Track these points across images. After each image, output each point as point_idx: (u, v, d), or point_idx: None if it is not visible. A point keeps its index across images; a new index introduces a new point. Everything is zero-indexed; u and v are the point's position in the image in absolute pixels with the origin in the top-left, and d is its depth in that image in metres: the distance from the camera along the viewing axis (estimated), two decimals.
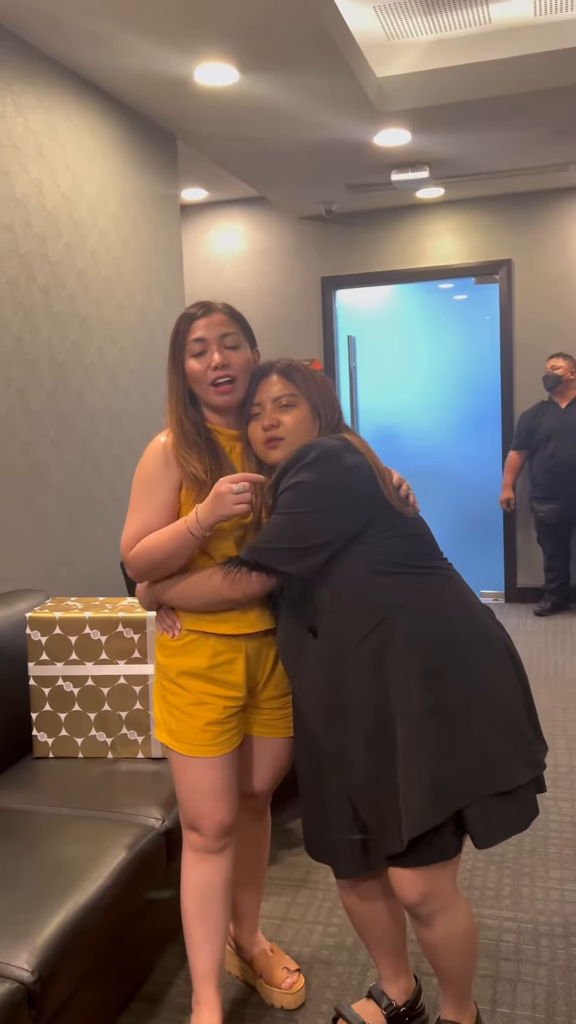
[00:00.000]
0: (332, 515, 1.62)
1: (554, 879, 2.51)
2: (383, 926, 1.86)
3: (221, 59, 3.17)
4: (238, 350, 1.77)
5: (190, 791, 1.81)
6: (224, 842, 1.84)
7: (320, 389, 1.79)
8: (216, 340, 1.75)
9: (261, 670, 1.84)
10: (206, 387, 1.76)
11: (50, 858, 1.88)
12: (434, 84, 3.71)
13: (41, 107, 3.11)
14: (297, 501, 1.62)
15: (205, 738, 1.79)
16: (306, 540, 1.61)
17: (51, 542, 3.19)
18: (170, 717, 1.82)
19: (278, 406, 1.75)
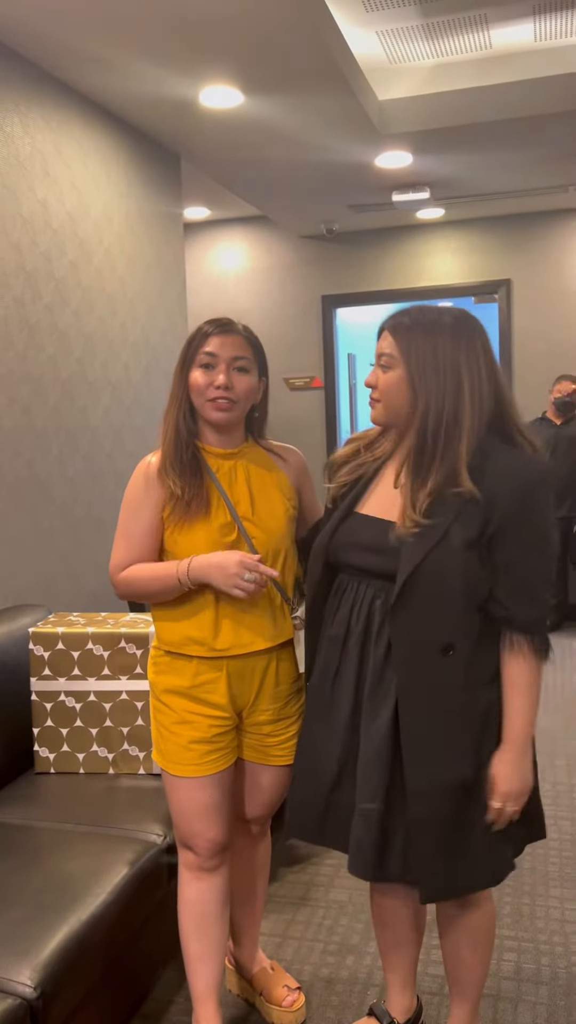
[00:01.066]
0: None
1: (554, 898, 2.51)
2: (407, 936, 1.86)
3: (226, 82, 3.22)
4: (246, 375, 1.76)
5: (180, 810, 1.81)
6: (218, 860, 1.83)
7: (438, 373, 1.53)
8: (227, 360, 1.74)
9: (245, 693, 1.81)
10: (204, 401, 1.76)
11: (52, 874, 1.88)
12: (435, 107, 3.76)
13: (48, 127, 3.15)
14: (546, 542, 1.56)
15: (190, 757, 1.77)
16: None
17: (54, 557, 3.21)
18: (159, 736, 1.82)
19: (380, 363, 1.61)
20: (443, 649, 1.53)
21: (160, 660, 1.83)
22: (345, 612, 1.65)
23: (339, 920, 2.42)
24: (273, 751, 1.87)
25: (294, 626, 1.83)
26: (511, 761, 1.55)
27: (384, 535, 1.58)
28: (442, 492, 1.52)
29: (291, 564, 1.86)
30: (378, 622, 1.60)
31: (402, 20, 3.29)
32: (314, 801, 1.68)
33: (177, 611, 1.77)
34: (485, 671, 1.56)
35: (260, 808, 1.94)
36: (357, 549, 1.64)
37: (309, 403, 6.12)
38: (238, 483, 1.80)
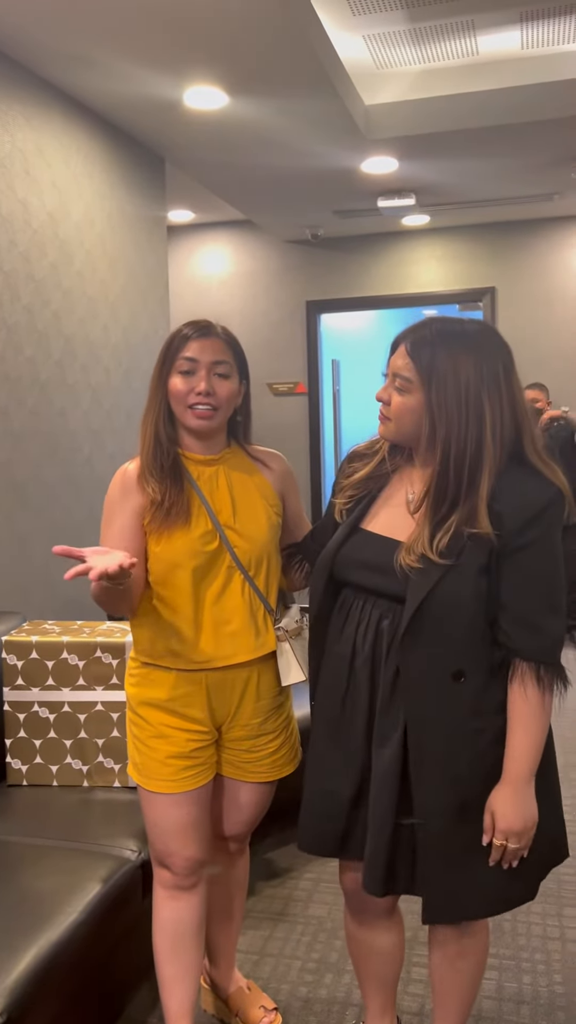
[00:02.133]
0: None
1: (536, 914, 2.47)
2: (384, 957, 1.81)
3: (210, 83, 3.18)
4: (227, 380, 1.71)
5: (156, 827, 1.75)
6: (195, 879, 1.78)
7: (459, 401, 1.45)
8: (207, 365, 1.69)
9: (224, 707, 1.76)
10: (184, 408, 1.70)
11: (22, 891, 1.82)
12: (422, 113, 3.74)
13: (29, 126, 3.10)
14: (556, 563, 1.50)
15: (167, 772, 1.72)
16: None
17: (30, 564, 3.14)
18: (135, 750, 1.77)
19: (395, 383, 1.52)
20: (454, 676, 1.48)
21: (137, 672, 1.78)
22: (351, 631, 1.59)
23: (318, 936, 2.37)
24: (252, 767, 1.82)
25: (277, 637, 1.79)
26: (508, 798, 1.49)
27: (391, 555, 1.52)
28: (460, 529, 1.47)
29: (274, 573, 1.81)
30: (386, 644, 1.54)
31: (389, 24, 3.26)
32: (334, 819, 1.61)
33: (156, 621, 1.72)
34: (495, 699, 1.51)
35: (239, 826, 1.89)
36: (363, 568, 1.58)
37: (293, 409, 6.09)
38: (220, 490, 1.75)
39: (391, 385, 1.54)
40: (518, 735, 1.50)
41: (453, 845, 1.52)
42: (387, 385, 1.55)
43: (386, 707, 1.54)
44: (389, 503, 1.62)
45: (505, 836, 1.49)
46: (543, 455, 1.53)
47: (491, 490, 1.47)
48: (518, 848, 1.50)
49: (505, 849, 1.50)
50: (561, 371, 5.61)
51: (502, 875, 1.55)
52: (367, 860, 1.57)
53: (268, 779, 1.84)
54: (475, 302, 5.88)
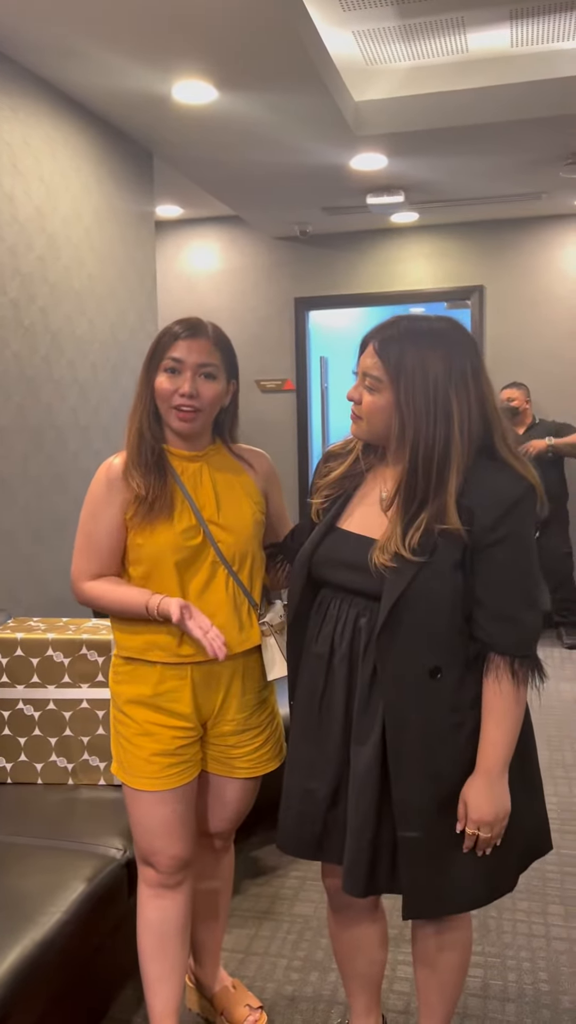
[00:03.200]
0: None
1: (521, 911, 2.48)
2: (367, 955, 1.81)
3: (199, 77, 3.16)
4: (213, 382, 1.71)
5: (141, 825, 1.74)
6: (180, 877, 1.77)
7: (427, 401, 1.46)
8: (193, 367, 1.68)
9: (210, 702, 1.76)
10: (168, 408, 1.71)
11: (6, 891, 1.81)
12: (411, 110, 3.73)
13: (16, 118, 3.07)
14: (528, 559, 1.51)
15: (152, 770, 1.71)
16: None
17: (15, 560, 3.12)
18: (119, 748, 1.76)
19: (365, 382, 1.53)
20: (431, 672, 1.48)
21: (121, 669, 1.77)
22: (329, 630, 1.60)
23: (304, 935, 2.37)
24: (238, 763, 1.82)
25: (262, 632, 1.79)
26: (480, 788, 1.50)
27: (367, 554, 1.53)
28: (431, 527, 1.47)
29: (258, 569, 1.81)
30: (363, 642, 1.55)
31: (379, 20, 3.25)
32: (311, 820, 1.61)
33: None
34: (471, 693, 1.52)
35: (224, 822, 1.89)
36: (339, 566, 1.59)
37: (281, 406, 6.08)
38: (203, 485, 1.75)
39: (361, 384, 1.55)
40: (491, 727, 1.50)
41: (434, 842, 1.52)
42: (357, 384, 1.56)
43: (364, 706, 1.54)
44: (364, 502, 1.62)
45: (477, 826, 1.50)
46: (514, 450, 1.54)
47: (460, 486, 1.48)
48: (490, 837, 1.51)
49: (477, 838, 1.51)
50: (548, 370, 5.62)
51: (482, 869, 1.55)
52: (347, 861, 1.56)
53: (254, 774, 1.84)
54: (463, 300, 5.88)
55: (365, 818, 1.53)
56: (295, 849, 1.66)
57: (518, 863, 1.62)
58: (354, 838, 1.55)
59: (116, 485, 1.72)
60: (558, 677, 4.66)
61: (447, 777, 1.52)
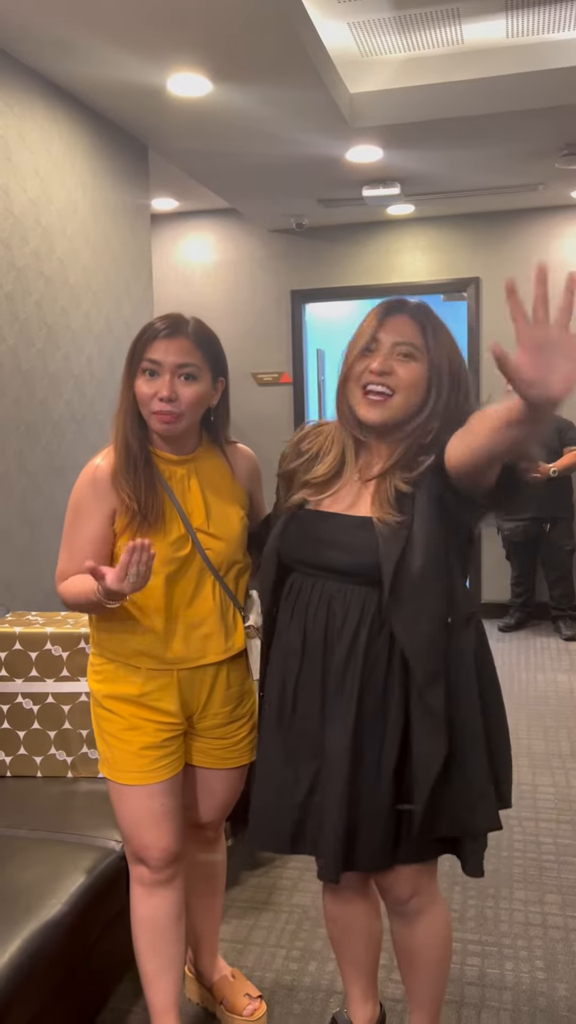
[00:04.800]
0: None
1: (518, 900, 2.49)
2: (363, 939, 1.82)
3: (194, 69, 3.15)
4: (193, 384, 1.64)
5: (131, 821, 1.74)
6: (172, 871, 1.77)
7: (453, 366, 1.52)
8: (172, 368, 1.62)
9: (195, 699, 1.75)
10: (148, 412, 1.65)
11: (6, 883, 1.82)
12: (406, 102, 3.72)
13: (10, 111, 3.06)
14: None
15: (142, 764, 1.71)
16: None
17: (12, 555, 3.12)
18: (105, 745, 1.74)
19: (397, 352, 1.49)
20: (445, 621, 1.51)
21: (102, 668, 1.74)
22: (300, 619, 1.59)
23: (302, 925, 2.38)
24: (224, 754, 1.82)
25: (247, 635, 1.78)
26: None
27: (344, 529, 1.55)
28: (418, 478, 1.51)
29: (245, 570, 1.80)
30: (339, 622, 1.55)
31: (374, 12, 3.24)
32: (286, 812, 1.60)
33: (124, 623, 1.70)
34: (464, 611, 1.55)
35: (213, 812, 1.89)
36: (314, 542, 1.59)
37: (277, 399, 6.07)
38: (191, 491, 1.72)
39: (391, 356, 1.50)
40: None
41: (474, 767, 1.54)
42: (382, 358, 1.50)
43: (338, 687, 1.54)
44: (339, 488, 1.62)
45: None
46: None
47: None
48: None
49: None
50: None
51: (468, 800, 1.55)
52: (324, 845, 1.55)
53: (240, 764, 1.85)
54: (459, 292, 5.88)
55: (340, 802, 1.53)
56: (269, 842, 1.65)
57: (497, 804, 1.61)
58: (328, 820, 1.54)
59: (103, 492, 1.67)
60: (555, 669, 4.68)
61: (472, 717, 1.53)
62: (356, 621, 1.54)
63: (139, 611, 1.69)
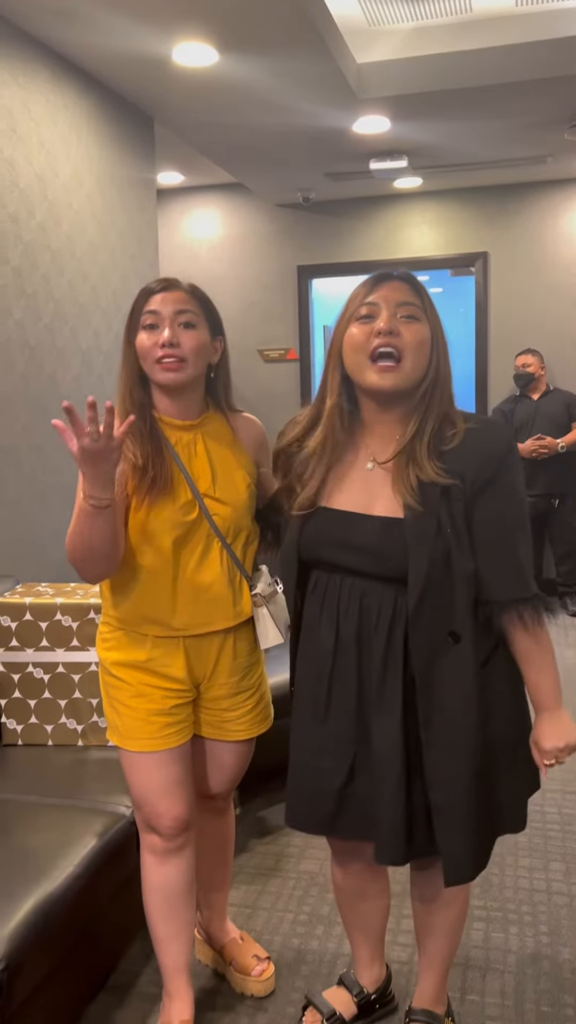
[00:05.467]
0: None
1: (523, 867, 2.52)
2: (372, 908, 1.85)
3: (200, 39, 3.12)
4: (193, 330, 1.66)
5: (143, 789, 1.75)
6: (183, 839, 1.79)
7: (442, 333, 1.53)
8: (170, 316, 1.65)
9: (202, 666, 1.77)
10: (152, 363, 1.66)
11: (19, 847, 1.85)
12: (414, 72, 3.68)
13: (15, 83, 3.04)
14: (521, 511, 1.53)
15: (151, 730, 1.72)
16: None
17: (22, 528, 3.14)
18: (114, 713, 1.76)
19: (400, 313, 1.47)
20: (452, 637, 1.50)
21: (110, 635, 1.76)
22: (332, 614, 1.58)
23: (309, 891, 2.42)
24: (232, 726, 1.84)
25: (254, 603, 1.79)
26: (547, 726, 1.55)
27: (368, 534, 1.52)
28: (431, 478, 1.48)
29: (252, 539, 1.80)
30: (374, 621, 1.54)
31: None
32: (325, 799, 1.62)
33: (131, 589, 1.71)
34: (483, 652, 1.54)
35: (223, 784, 1.92)
36: (332, 546, 1.56)
37: (284, 375, 6.07)
38: (198, 457, 1.72)
39: (393, 317, 1.47)
40: (531, 673, 1.55)
41: (474, 803, 1.53)
42: (389, 320, 1.47)
43: (380, 680, 1.54)
44: (348, 477, 1.57)
45: (554, 756, 1.55)
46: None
47: (445, 435, 1.50)
48: (561, 762, 1.57)
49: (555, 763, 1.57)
50: (553, 336, 5.59)
51: (504, 815, 1.60)
52: (383, 835, 1.57)
53: (248, 736, 1.87)
54: (467, 267, 5.84)
55: (396, 790, 1.54)
56: (308, 826, 1.67)
57: (525, 802, 1.66)
58: (387, 811, 1.55)
59: None
60: (562, 644, 4.70)
61: (478, 739, 1.53)
62: (390, 618, 1.53)
63: (148, 576, 1.70)
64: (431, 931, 1.77)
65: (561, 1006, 1.96)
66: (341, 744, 1.60)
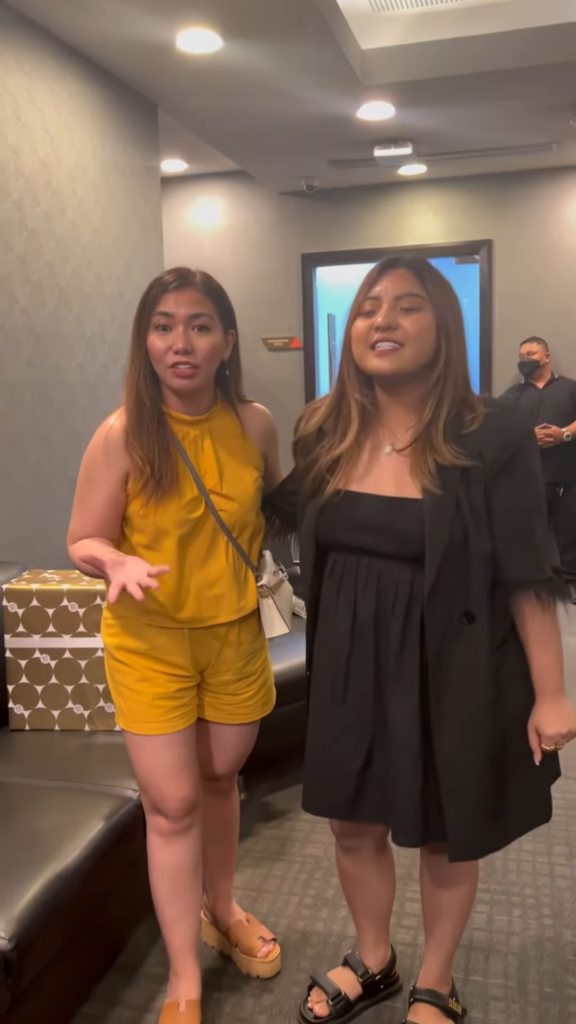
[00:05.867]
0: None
1: (526, 852, 2.54)
2: (377, 892, 1.87)
3: (204, 25, 3.12)
4: (207, 334, 1.62)
5: (148, 772, 1.76)
6: (189, 821, 1.81)
7: (455, 316, 1.53)
8: (184, 320, 1.60)
9: (205, 655, 1.78)
10: (164, 368, 1.63)
11: (27, 829, 1.87)
12: (419, 58, 3.67)
13: (20, 70, 3.04)
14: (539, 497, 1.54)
15: (156, 714, 1.73)
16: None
17: (28, 515, 3.16)
18: (120, 697, 1.77)
19: (400, 306, 1.49)
20: (467, 617, 1.52)
21: (113, 622, 1.76)
22: (349, 597, 1.59)
23: (314, 874, 2.44)
24: (236, 709, 1.85)
25: (260, 594, 1.79)
26: (548, 710, 1.56)
27: (387, 514, 1.53)
28: (450, 461, 1.49)
29: (258, 532, 1.81)
30: (391, 600, 1.55)
31: None
32: (344, 782, 1.63)
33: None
34: (499, 634, 1.56)
35: (227, 766, 1.93)
36: (353, 528, 1.57)
37: (288, 364, 6.06)
38: (204, 452, 1.71)
39: (394, 309, 1.50)
40: (538, 655, 1.56)
41: (476, 785, 1.55)
42: (386, 311, 1.50)
43: (397, 661, 1.55)
44: (367, 461, 1.59)
45: (553, 742, 1.56)
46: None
47: (464, 419, 1.52)
48: (559, 747, 1.59)
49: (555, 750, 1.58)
50: (558, 324, 5.58)
51: (520, 803, 1.61)
52: (400, 817, 1.58)
53: (251, 719, 1.88)
54: (471, 255, 5.83)
55: (412, 771, 1.55)
56: (328, 810, 1.68)
57: (547, 792, 1.67)
58: (403, 793, 1.57)
59: (115, 453, 1.66)
60: (567, 632, 4.70)
61: (488, 720, 1.54)
62: (407, 599, 1.54)
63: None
64: (439, 913, 1.78)
65: (564, 987, 1.98)
66: (359, 727, 1.61)
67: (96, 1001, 1.96)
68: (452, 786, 1.55)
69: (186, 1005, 1.82)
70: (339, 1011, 1.87)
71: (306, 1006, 1.89)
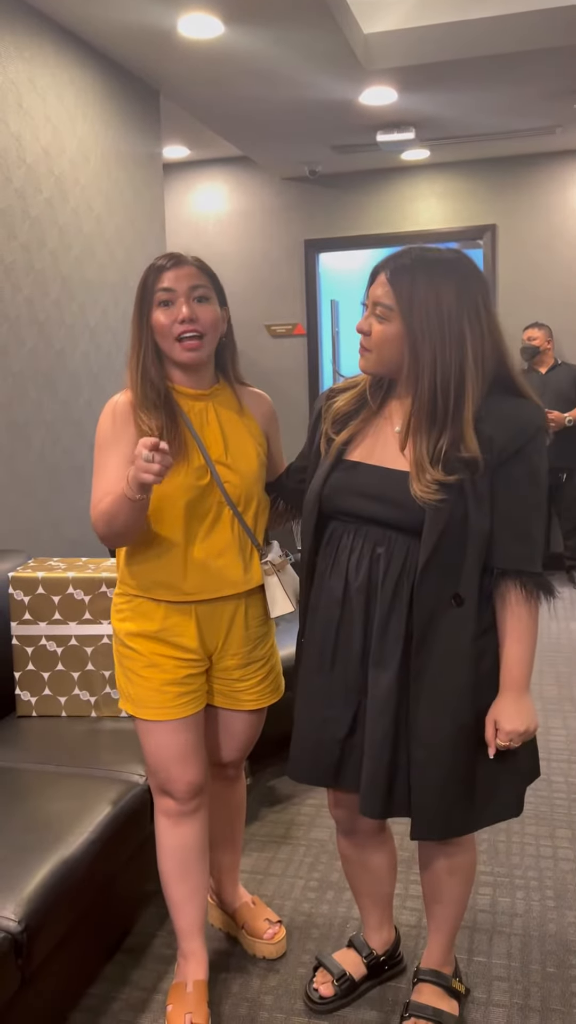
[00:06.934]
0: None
1: (529, 835, 2.57)
2: (378, 876, 1.90)
3: (205, 10, 3.10)
4: (208, 304, 1.69)
5: (156, 756, 1.79)
6: (197, 803, 1.84)
7: (436, 326, 1.47)
8: (185, 292, 1.67)
9: (214, 636, 1.80)
10: (171, 342, 1.68)
11: (35, 814, 1.89)
12: (422, 42, 3.65)
13: (21, 57, 3.03)
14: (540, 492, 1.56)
15: (163, 700, 1.75)
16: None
17: (33, 503, 3.18)
18: (127, 682, 1.79)
19: (375, 311, 1.53)
20: (456, 600, 1.53)
21: (124, 606, 1.79)
22: (343, 562, 1.62)
23: (319, 858, 2.47)
24: (243, 696, 1.87)
25: (264, 571, 1.82)
26: (509, 704, 1.56)
27: (390, 484, 1.55)
28: (450, 454, 1.50)
29: (263, 509, 1.83)
30: (383, 569, 1.57)
31: None
32: (329, 749, 1.66)
33: (145, 554, 1.74)
34: (484, 623, 1.57)
35: (234, 752, 1.96)
36: (356, 496, 1.60)
37: (291, 350, 6.06)
38: (210, 425, 1.76)
39: (371, 314, 1.54)
40: (511, 646, 1.56)
41: (446, 765, 1.57)
42: (367, 315, 1.56)
43: (383, 631, 1.58)
44: (376, 438, 1.63)
45: (509, 738, 1.55)
46: (523, 382, 1.57)
47: (476, 414, 1.50)
48: (514, 745, 1.58)
49: (509, 749, 1.58)
50: (562, 308, 5.57)
51: (489, 793, 1.62)
52: (364, 784, 1.61)
53: (259, 706, 1.90)
54: (475, 240, 5.81)
55: (383, 741, 1.58)
56: (311, 777, 1.70)
57: (522, 788, 1.68)
58: (372, 761, 1.60)
59: (123, 421, 1.71)
60: (568, 618, 4.72)
61: (465, 704, 1.56)
62: (399, 570, 1.56)
63: (160, 541, 1.73)
64: (438, 899, 1.80)
65: (566, 967, 2.01)
66: (346, 693, 1.64)
67: (105, 982, 1.99)
68: (421, 761, 1.57)
69: (193, 985, 1.84)
70: (344, 991, 1.90)
71: (311, 987, 1.91)
